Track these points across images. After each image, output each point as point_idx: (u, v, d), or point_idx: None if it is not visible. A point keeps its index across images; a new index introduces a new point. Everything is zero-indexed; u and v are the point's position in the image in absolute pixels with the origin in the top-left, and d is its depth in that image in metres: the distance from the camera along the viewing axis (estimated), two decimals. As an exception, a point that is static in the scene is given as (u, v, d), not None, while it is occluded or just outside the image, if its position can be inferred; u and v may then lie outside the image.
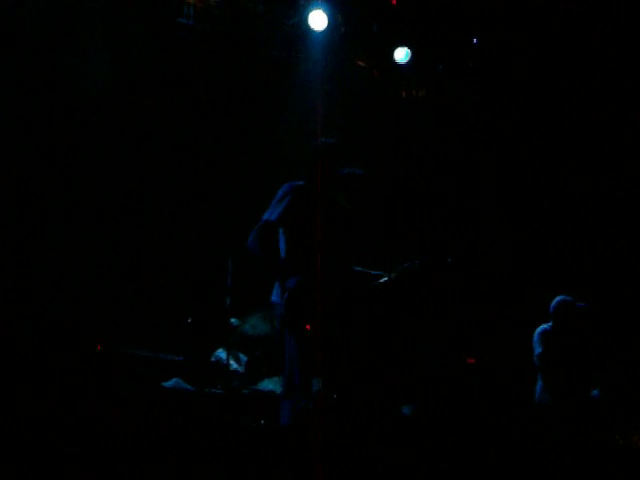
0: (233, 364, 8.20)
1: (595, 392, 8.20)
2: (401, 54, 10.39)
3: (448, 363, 8.93)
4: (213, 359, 8.29)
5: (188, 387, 7.70)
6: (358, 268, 5.73)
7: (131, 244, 8.85)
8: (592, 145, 10.05)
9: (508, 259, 10.35)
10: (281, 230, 5.60)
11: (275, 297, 5.51)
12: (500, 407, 8.41)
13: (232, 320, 8.16)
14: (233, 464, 3.55)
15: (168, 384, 7.56)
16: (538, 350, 8.15)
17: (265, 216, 5.60)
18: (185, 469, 3.44)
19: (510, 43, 10.26)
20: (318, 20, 9.58)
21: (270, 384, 7.98)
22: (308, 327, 5.19)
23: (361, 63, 10.85)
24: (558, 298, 8.28)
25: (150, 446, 3.40)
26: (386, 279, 5.68)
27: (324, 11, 9.53)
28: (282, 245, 5.60)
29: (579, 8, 9.37)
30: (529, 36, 9.96)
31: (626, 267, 9.81)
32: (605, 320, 8.98)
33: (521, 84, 10.33)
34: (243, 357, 8.44)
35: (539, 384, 8.16)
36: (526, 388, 8.38)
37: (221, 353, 8.15)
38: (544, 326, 8.29)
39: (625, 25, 9.39)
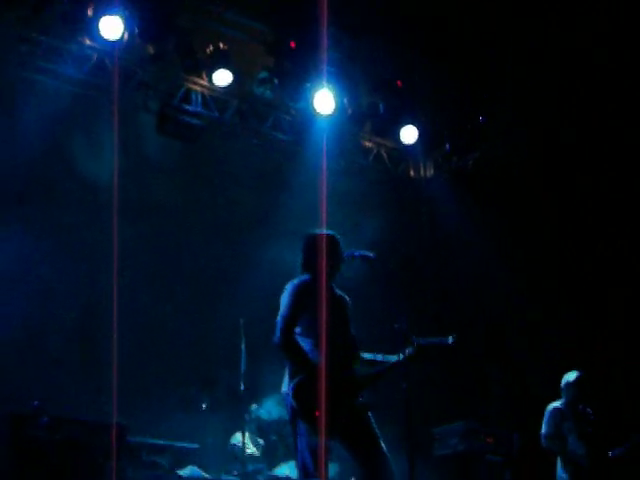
0: (250, 449, 8.14)
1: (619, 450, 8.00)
2: (408, 134, 10.50)
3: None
4: (230, 444, 8.23)
5: (204, 475, 7.63)
6: (369, 355, 5.76)
7: (142, 328, 8.83)
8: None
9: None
10: (298, 327, 5.66)
11: (285, 388, 5.56)
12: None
13: (248, 405, 8.14)
14: None
15: (184, 472, 7.49)
16: (544, 430, 8.06)
17: (281, 315, 5.64)
18: None
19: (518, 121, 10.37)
20: (324, 103, 9.71)
21: (286, 469, 7.92)
22: (317, 413, 5.19)
23: (368, 144, 10.96)
24: (570, 374, 8.17)
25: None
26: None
27: (330, 92, 9.66)
28: (300, 339, 5.67)
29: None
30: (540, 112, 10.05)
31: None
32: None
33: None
34: (260, 441, 8.39)
35: (559, 461, 8.04)
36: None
37: (237, 438, 8.09)
38: (554, 404, 8.17)
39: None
